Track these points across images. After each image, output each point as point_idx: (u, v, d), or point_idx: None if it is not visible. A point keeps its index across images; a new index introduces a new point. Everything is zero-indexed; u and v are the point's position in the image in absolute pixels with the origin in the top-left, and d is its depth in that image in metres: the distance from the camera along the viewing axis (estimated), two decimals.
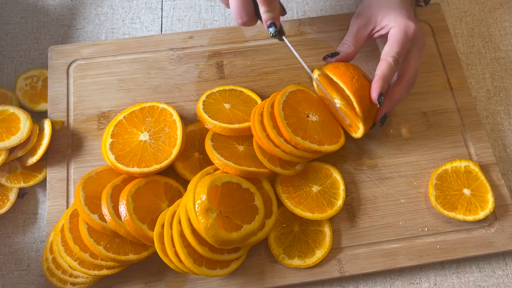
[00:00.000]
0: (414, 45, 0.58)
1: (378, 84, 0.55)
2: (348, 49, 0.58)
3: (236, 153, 0.57)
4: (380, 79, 0.55)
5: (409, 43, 0.57)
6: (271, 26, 0.52)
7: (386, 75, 0.55)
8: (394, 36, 0.56)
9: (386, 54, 0.56)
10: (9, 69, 0.68)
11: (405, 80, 0.58)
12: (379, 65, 0.56)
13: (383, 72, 0.55)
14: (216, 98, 0.61)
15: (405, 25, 0.56)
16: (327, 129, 0.58)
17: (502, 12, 0.73)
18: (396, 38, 0.56)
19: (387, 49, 0.56)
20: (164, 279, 0.55)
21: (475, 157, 0.62)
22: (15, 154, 0.58)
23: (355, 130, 0.59)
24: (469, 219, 0.57)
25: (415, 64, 0.58)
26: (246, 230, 0.50)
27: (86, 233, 0.52)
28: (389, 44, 0.56)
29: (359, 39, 0.59)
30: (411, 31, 0.56)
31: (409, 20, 0.57)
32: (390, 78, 0.56)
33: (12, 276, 0.57)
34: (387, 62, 0.55)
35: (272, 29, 0.52)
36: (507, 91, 0.68)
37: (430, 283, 0.58)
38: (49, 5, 0.73)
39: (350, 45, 0.59)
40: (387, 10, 0.58)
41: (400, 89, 0.58)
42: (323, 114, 0.59)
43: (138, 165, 0.54)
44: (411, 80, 0.58)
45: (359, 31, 0.59)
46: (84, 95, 0.64)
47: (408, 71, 0.58)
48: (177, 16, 0.72)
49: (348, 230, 0.58)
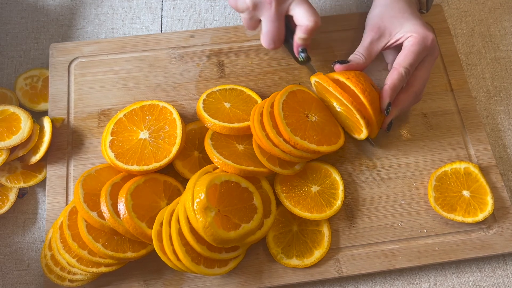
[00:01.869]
0: (429, 55, 0.58)
1: (387, 94, 0.55)
2: (359, 60, 0.58)
3: (236, 152, 0.57)
4: (390, 89, 0.55)
5: (424, 53, 0.57)
6: (303, 51, 0.55)
7: (396, 86, 0.55)
8: (411, 47, 0.56)
9: (399, 64, 0.56)
10: (9, 69, 0.68)
11: (412, 90, 0.58)
12: (391, 74, 0.56)
13: (394, 83, 0.55)
14: (216, 97, 0.61)
15: (424, 35, 0.56)
16: (326, 130, 0.58)
17: (502, 12, 0.73)
18: (413, 49, 0.56)
19: (401, 58, 0.56)
20: (162, 277, 0.55)
21: (475, 159, 0.62)
22: (16, 153, 0.58)
23: (358, 132, 0.59)
24: (468, 221, 0.56)
25: (425, 75, 0.58)
26: (245, 229, 0.50)
27: (84, 230, 0.52)
28: (403, 53, 0.56)
29: (372, 52, 0.59)
30: (429, 41, 0.56)
31: (427, 30, 0.57)
32: (399, 88, 0.56)
33: (12, 276, 0.57)
34: (399, 72, 0.55)
35: (303, 54, 0.55)
36: (507, 91, 0.68)
37: (430, 283, 0.58)
38: (49, 5, 0.73)
39: (361, 57, 0.58)
40: (402, 21, 0.58)
41: (407, 97, 0.58)
42: (323, 115, 0.59)
43: (138, 163, 0.54)
44: (418, 91, 0.58)
45: (372, 44, 0.58)
46: (84, 92, 0.64)
47: (417, 82, 0.58)
48: (177, 16, 0.73)
49: (346, 231, 0.58)
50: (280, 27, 0.54)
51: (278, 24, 0.53)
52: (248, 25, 0.57)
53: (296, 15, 0.55)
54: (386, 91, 0.55)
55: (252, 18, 0.56)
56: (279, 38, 0.54)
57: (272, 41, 0.54)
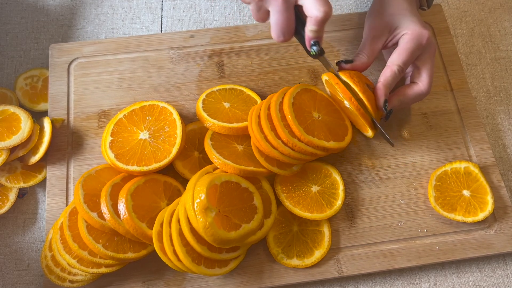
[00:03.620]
0: (426, 52, 0.58)
1: (382, 92, 0.56)
2: (363, 59, 0.58)
3: (235, 152, 0.57)
4: (383, 87, 0.56)
5: (419, 51, 0.57)
6: (316, 45, 0.52)
7: (389, 83, 0.56)
8: (405, 44, 0.56)
9: (392, 62, 0.56)
10: (9, 69, 0.68)
11: (417, 88, 0.58)
12: (384, 72, 0.56)
13: (387, 80, 0.56)
14: (215, 97, 0.61)
15: (419, 33, 0.56)
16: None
17: (502, 12, 0.73)
18: (407, 46, 0.56)
19: (394, 56, 0.56)
20: (162, 277, 0.55)
21: (475, 158, 0.62)
22: (16, 153, 0.58)
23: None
24: (468, 221, 0.57)
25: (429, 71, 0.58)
26: (245, 229, 0.50)
27: (85, 231, 0.52)
28: (398, 51, 0.56)
29: (374, 49, 0.59)
30: (424, 39, 0.56)
31: (423, 27, 0.57)
32: (392, 85, 0.57)
33: (12, 276, 0.57)
34: (391, 70, 0.56)
35: (315, 48, 0.52)
36: (507, 91, 0.68)
37: (430, 283, 0.58)
38: (49, 5, 0.73)
39: (365, 56, 0.58)
40: (400, 18, 0.58)
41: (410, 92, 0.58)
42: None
43: (138, 163, 0.54)
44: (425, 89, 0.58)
45: (373, 43, 0.59)
46: (84, 93, 0.64)
47: (423, 79, 0.58)
48: (177, 16, 0.73)
49: (347, 231, 0.58)
50: (289, 18, 0.50)
51: (287, 15, 0.50)
52: (257, 17, 0.53)
53: (305, 5, 0.51)
54: (380, 89, 0.56)
55: (260, 9, 0.52)
56: (288, 30, 0.51)
57: (282, 33, 0.51)
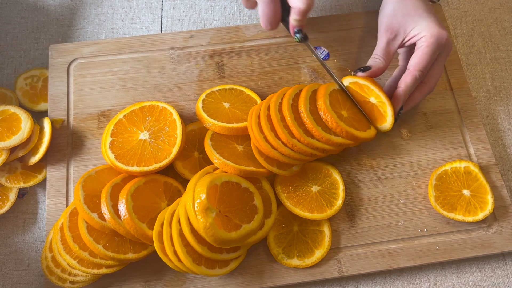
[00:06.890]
0: (443, 52, 0.58)
1: (401, 98, 0.56)
2: (379, 64, 0.58)
3: (235, 152, 0.57)
4: (404, 93, 0.56)
5: (439, 51, 0.57)
6: (299, 32, 0.54)
7: (411, 89, 0.56)
8: (426, 48, 0.56)
9: (413, 67, 0.56)
10: (9, 69, 0.68)
11: (427, 87, 0.58)
12: (405, 77, 0.56)
13: (407, 87, 0.56)
14: (215, 97, 0.61)
15: (438, 34, 0.56)
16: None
17: (502, 12, 0.73)
18: (427, 50, 0.55)
19: (415, 60, 0.56)
20: (163, 278, 0.55)
21: (475, 158, 0.62)
22: (16, 154, 0.58)
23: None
24: (468, 220, 0.57)
25: (439, 71, 0.58)
26: (245, 229, 0.50)
27: (85, 231, 0.52)
28: (418, 55, 0.56)
29: (390, 52, 0.59)
30: (444, 40, 0.56)
31: (441, 28, 0.57)
32: (412, 90, 0.57)
33: (12, 276, 0.57)
34: (413, 76, 0.55)
35: (299, 35, 0.54)
36: (507, 91, 0.68)
37: (430, 283, 0.58)
38: (49, 5, 0.73)
39: (381, 59, 0.58)
40: (416, 19, 0.57)
41: (420, 94, 0.58)
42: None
43: (138, 164, 0.54)
44: (432, 88, 0.59)
45: (388, 44, 0.58)
46: (84, 94, 0.64)
47: (432, 80, 0.58)
48: (177, 16, 0.73)
49: (347, 230, 0.58)
50: (275, 8, 0.53)
51: (272, 6, 0.52)
52: (246, 5, 0.56)
53: None
54: (400, 95, 0.56)
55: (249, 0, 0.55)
56: (275, 19, 0.53)
57: (269, 23, 0.54)
